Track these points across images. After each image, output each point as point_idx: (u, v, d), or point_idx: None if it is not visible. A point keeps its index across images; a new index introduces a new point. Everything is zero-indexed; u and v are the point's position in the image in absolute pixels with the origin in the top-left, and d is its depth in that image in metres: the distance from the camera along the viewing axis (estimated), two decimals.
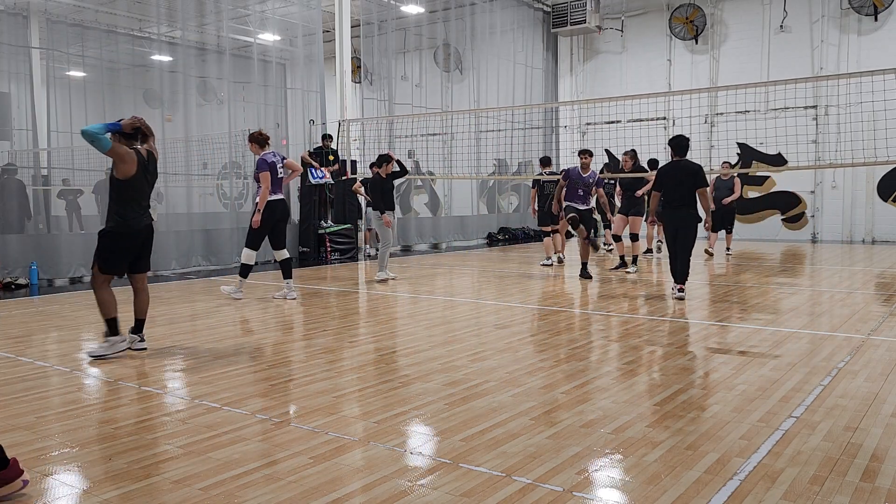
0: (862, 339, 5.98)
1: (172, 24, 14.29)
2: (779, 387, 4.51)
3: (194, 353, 5.70)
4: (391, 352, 5.70)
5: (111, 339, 5.52)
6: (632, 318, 7.19)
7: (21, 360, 5.45)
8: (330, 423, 3.88)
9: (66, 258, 10.44)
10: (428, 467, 3.27)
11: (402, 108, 17.01)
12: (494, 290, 9.45)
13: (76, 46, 17.86)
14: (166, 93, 14.51)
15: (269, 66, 15.67)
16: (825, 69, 16.45)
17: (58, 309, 8.10)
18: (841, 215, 16.73)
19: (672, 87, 18.41)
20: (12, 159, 15.03)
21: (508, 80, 18.86)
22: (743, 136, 16.56)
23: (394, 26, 16.76)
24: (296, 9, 15.38)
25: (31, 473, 3.21)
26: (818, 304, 8.03)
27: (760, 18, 17.51)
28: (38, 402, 4.35)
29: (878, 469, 3.19)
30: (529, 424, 3.82)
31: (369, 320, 7.33)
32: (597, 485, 3.08)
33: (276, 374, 5.00)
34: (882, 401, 4.19)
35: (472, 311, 7.70)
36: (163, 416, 4.07)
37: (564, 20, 19.22)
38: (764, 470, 3.19)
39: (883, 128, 12.12)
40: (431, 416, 4.01)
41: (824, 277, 10.31)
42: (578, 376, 4.87)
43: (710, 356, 5.47)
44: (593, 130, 20.00)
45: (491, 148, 18.50)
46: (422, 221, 17.94)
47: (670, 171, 8.25)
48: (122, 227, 5.49)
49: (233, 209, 14.31)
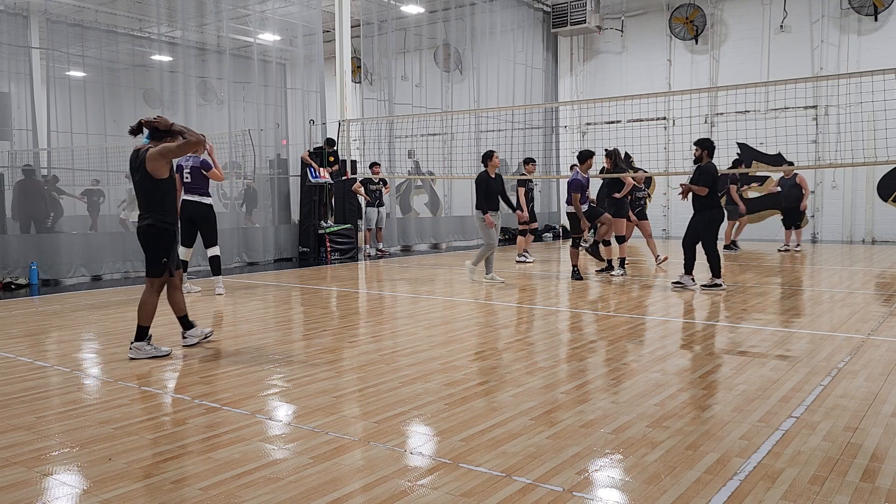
0: (862, 339, 5.98)
1: (172, 24, 14.29)
2: (779, 387, 4.51)
3: (194, 354, 5.70)
4: (391, 352, 5.70)
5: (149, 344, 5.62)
6: (632, 319, 7.19)
7: (21, 360, 5.45)
8: (330, 423, 3.88)
9: (66, 258, 10.45)
10: (428, 467, 3.27)
11: (402, 108, 17.01)
12: (494, 290, 9.45)
13: (76, 46, 17.88)
14: (166, 93, 14.52)
15: (269, 66, 15.67)
16: (825, 69, 16.45)
17: (58, 309, 8.10)
18: (841, 215, 16.73)
19: (672, 87, 18.42)
20: (12, 159, 15.04)
21: (508, 80, 18.86)
22: (743, 136, 16.57)
23: (394, 26, 16.76)
24: (296, 9, 15.38)
25: (31, 473, 3.22)
26: (818, 304, 8.03)
27: (760, 18, 17.51)
28: (38, 402, 4.35)
29: (878, 469, 3.19)
30: (529, 424, 3.82)
31: (369, 320, 7.33)
32: (597, 485, 3.08)
33: (276, 374, 5.00)
34: (882, 401, 4.19)
35: (472, 311, 7.70)
36: (163, 416, 4.07)
37: (564, 20, 19.22)
38: (764, 470, 3.19)
39: (883, 128, 12.12)
40: (431, 416, 4.01)
41: (824, 277, 10.31)
42: (578, 376, 4.87)
43: (710, 356, 5.47)
44: (593, 130, 20.00)
45: (491, 148, 18.46)
46: (422, 221, 17.94)
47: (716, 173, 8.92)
48: None
49: (233, 209, 14.32)
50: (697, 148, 8.98)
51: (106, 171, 17.53)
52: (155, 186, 5.52)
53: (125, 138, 18.25)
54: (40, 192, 13.41)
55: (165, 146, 5.44)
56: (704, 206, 8.83)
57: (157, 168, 5.46)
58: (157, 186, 5.52)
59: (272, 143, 14.85)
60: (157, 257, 5.58)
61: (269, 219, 14.10)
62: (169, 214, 5.60)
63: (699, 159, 8.93)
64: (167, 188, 5.59)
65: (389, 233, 15.63)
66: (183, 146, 5.44)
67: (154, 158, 5.43)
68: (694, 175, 8.91)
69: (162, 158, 5.45)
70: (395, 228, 16.03)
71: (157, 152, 5.43)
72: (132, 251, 11.24)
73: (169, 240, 5.60)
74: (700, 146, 8.95)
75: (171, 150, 5.44)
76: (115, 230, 13.95)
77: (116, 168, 17.39)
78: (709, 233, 8.84)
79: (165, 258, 5.59)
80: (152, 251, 5.59)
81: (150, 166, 5.45)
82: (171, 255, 5.64)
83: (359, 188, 14.28)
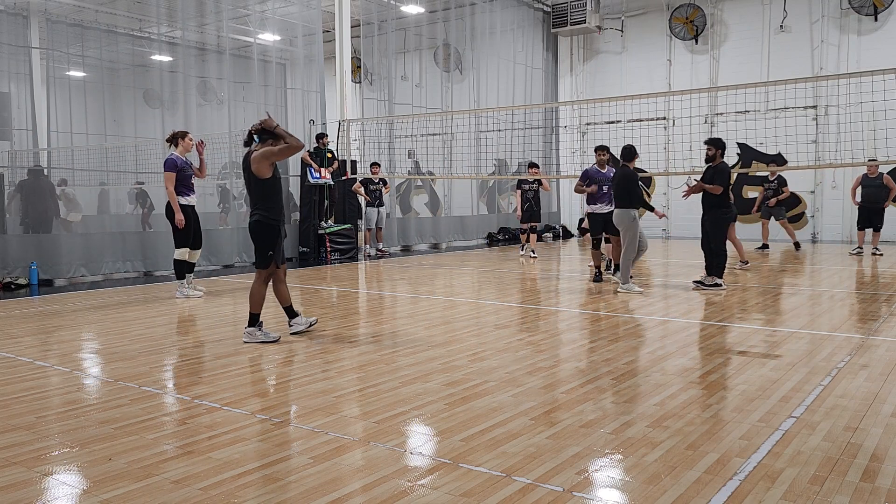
0: (862, 339, 5.98)
1: (172, 24, 14.29)
2: (779, 387, 4.51)
3: (194, 353, 5.70)
4: (391, 352, 5.70)
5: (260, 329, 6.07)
6: (632, 319, 7.19)
7: (21, 360, 5.45)
8: (330, 423, 3.88)
9: (66, 258, 10.45)
10: (428, 467, 3.27)
11: (402, 108, 17.00)
12: (494, 290, 9.45)
13: (76, 46, 17.88)
14: (166, 93, 14.52)
15: (269, 66, 15.67)
16: (825, 69, 16.45)
17: (58, 309, 8.10)
18: (841, 215, 16.72)
19: (672, 87, 18.41)
20: (12, 159, 15.03)
21: (508, 81, 18.86)
22: (743, 136, 16.56)
23: (394, 26, 16.76)
24: (296, 9, 15.38)
25: (31, 473, 3.22)
26: (818, 304, 8.03)
27: (760, 18, 17.51)
28: (38, 402, 4.35)
29: (878, 469, 3.19)
30: (529, 424, 3.82)
31: (369, 320, 7.33)
32: (597, 485, 3.08)
33: (276, 374, 5.00)
34: (882, 401, 4.19)
35: (472, 311, 7.70)
36: (163, 416, 4.07)
37: (564, 20, 19.22)
38: (764, 470, 3.19)
39: (883, 128, 12.11)
40: (431, 416, 4.01)
41: (824, 277, 10.30)
42: (578, 376, 4.87)
43: (710, 356, 5.47)
44: (593, 130, 19.99)
45: (491, 148, 18.50)
46: (422, 221, 17.93)
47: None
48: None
49: (233, 209, 14.32)
50: (711, 147, 8.97)
51: (106, 172, 17.53)
52: (260, 185, 5.98)
53: (125, 138, 18.30)
54: (46, 192, 13.39)
55: (268, 149, 5.89)
56: (715, 204, 8.85)
57: (261, 169, 5.92)
58: (263, 185, 5.99)
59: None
60: (264, 250, 6.05)
61: None
62: (273, 211, 6.03)
63: (712, 158, 8.94)
64: (272, 187, 6.05)
65: (389, 233, 15.63)
66: (284, 150, 5.90)
67: (258, 161, 5.90)
68: (707, 174, 8.92)
69: (265, 161, 5.90)
70: (395, 228, 16.03)
71: (260, 155, 5.89)
72: (132, 251, 11.25)
73: (274, 234, 6.04)
74: (714, 145, 8.94)
75: (273, 153, 5.89)
76: (115, 230, 13.94)
77: (117, 168, 17.40)
78: (718, 231, 8.87)
79: (271, 251, 6.04)
80: (260, 245, 6.05)
81: (255, 168, 5.91)
82: (277, 249, 6.08)
83: (359, 188, 14.29)
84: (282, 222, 6.13)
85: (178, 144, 8.63)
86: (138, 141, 17.32)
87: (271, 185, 6.04)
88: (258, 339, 6.00)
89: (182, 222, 8.49)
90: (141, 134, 18.05)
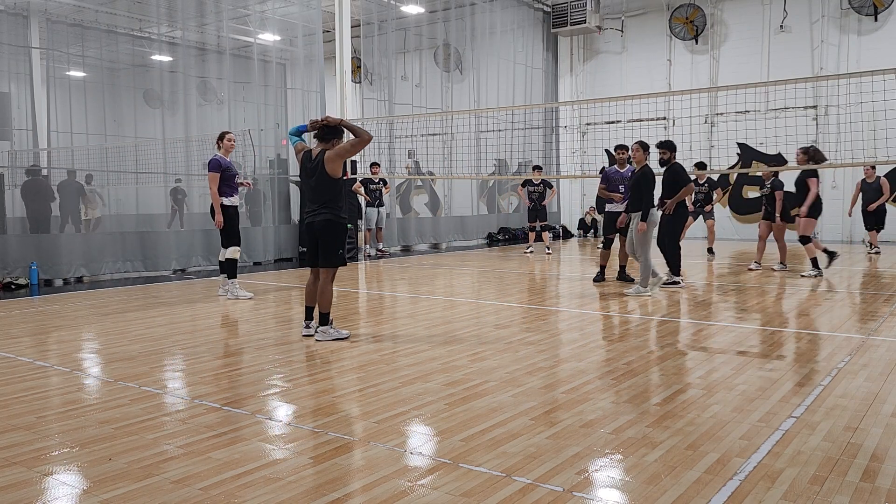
0: (862, 339, 5.97)
1: (172, 24, 14.29)
2: (779, 387, 4.51)
3: (194, 353, 5.70)
4: (391, 352, 5.70)
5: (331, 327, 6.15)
6: (632, 319, 7.19)
7: (21, 360, 5.45)
8: (330, 423, 3.88)
9: (66, 258, 10.45)
10: (428, 467, 3.27)
11: (402, 108, 17.01)
12: (494, 290, 9.45)
13: (76, 46, 17.88)
14: (166, 93, 14.53)
15: (269, 66, 15.66)
16: (825, 69, 16.45)
17: (58, 309, 8.10)
18: (841, 215, 16.71)
19: (672, 87, 18.41)
20: (12, 159, 15.03)
21: (508, 81, 18.86)
22: (743, 137, 16.57)
23: (394, 26, 16.76)
24: (296, 9, 15.38)
25: (31, 473, 3.22)
26: (818, 304, 8.03)
27: (760, 18, 17.51)
28: (38, 402, 4.35)
29: (878, 469, 3.19)
30: (529, 424, 3.82)
31: (369, 320, 7.33)
32: (597, 485, 3.08)
33: (276, 374, 5.00)
34: (882, 401, 4.19)
35: (472, 311, 7.70)
36: (163, 416, 4.07)
37: (564, 20, 19.23)
38: (764, 470, 3.19)
39: (883, 128, 12.11)
40: (431, 416, 4.00)
41: (824, 277, 10.30)
42: (578, 376, 4.87)
43: (710, 356, 5.47)
44: (593, 130, 20.00)
45: (491, 148, 18.50)
46: (422, 221, 17.94)
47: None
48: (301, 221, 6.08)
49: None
50: (665, 150, 9.13)
51: (106, 172, 17.50)
52: (332, 184, 6.00)
53: (125, 138, 18.29)
54: (49, 192, 13.40)
55: (342, 146, 5.94)
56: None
57: (336, 168, 5.96)
58: (335, 184, 6.01)
59: (272, 143, 14.83)
60: (335, 248, 6.06)
61: (270, 219, 14.09)
62: (343, 209, 6.12)
63: (666, 161, 9.12)
64: (342, 185, 6.13)
65: (389, 233, 15.63)
66: (357, 144, 5.90)
67: (332, 160, 5.92)
68: (666, 176, 9.05)
69: (339, 159, 5.96)
70: (395, 228, 16.03)
71: (334, 154, 5.92)
72: (132, 251, 11.24)
73: (344, 232, 6.10)
74: (666, 148, 9.14)
75: (347, 149, 5.94)
76: (114, 230, 13.93)
77: (117, 167, 17.36)
78: (671, 229, 9.11)
79: (341, 249, 6.07)
80: (332, 243, 6.04)
81: (330, 168, 5.92)
82: (345, 247, 6.14)
83: (359, 188, 14.29)
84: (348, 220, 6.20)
85: (221, 146, 8.64)
86: (139, 141, 17.30)
87: (341, 184, 6.11)
88: (331, 337, 6.06)
89: (221, 223, 8.46)
90: (141, 134, 18.04)
